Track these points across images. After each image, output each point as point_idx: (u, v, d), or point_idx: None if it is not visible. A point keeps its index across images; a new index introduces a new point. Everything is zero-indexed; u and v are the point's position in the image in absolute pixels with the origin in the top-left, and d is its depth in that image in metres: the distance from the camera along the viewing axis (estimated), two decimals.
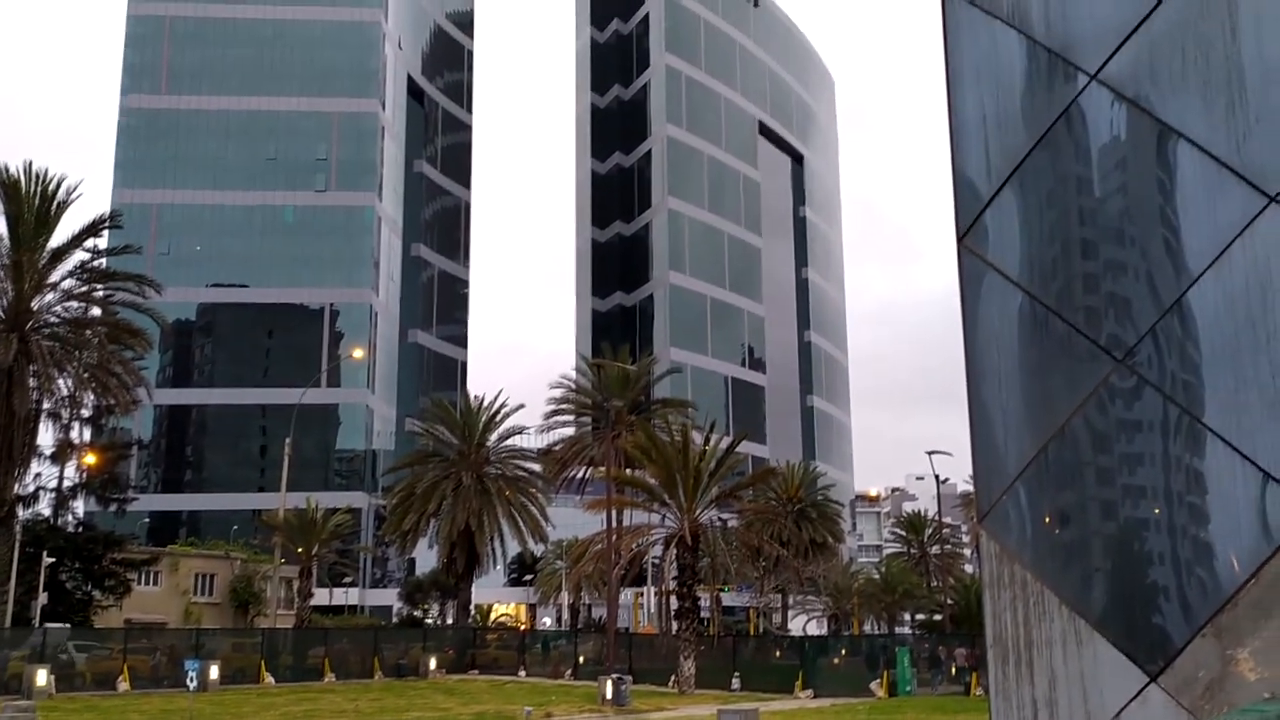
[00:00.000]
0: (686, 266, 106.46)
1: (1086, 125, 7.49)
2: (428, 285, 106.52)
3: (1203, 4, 7.02)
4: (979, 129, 8.11)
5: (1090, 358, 7.01)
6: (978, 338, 7.89)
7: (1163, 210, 7.03)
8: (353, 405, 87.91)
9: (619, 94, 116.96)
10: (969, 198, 8.07)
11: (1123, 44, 7.16)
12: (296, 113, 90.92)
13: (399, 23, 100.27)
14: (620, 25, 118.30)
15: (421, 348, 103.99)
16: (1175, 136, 6.95)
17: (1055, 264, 7.49)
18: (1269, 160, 6.52)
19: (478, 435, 48.16)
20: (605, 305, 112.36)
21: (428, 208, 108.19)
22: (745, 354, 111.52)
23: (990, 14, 8.07)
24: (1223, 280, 6.44)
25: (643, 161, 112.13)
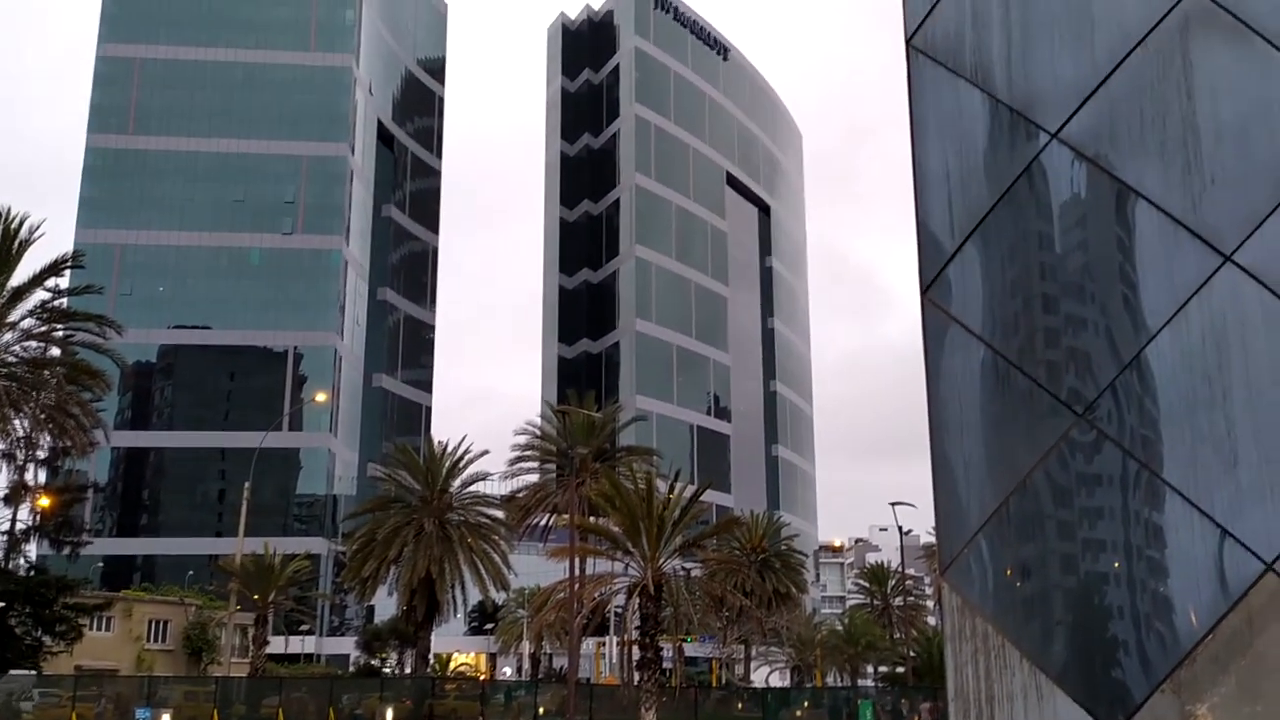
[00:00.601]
0: (653, 315, 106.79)
1: (1048, 182, 7.62)
2: (393, 329, 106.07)
3: (1160, 67, 7.19)
4: (943, 184, 8.23)
5: (1051, 412, 7.08)
6: (941, 390, 7.95)
7: (1122, 267, 7.14)
8: (314, 449, 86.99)
9: (589, 142, 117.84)
10: (933, 251, 8.17)
11: (1082, 105, 7.31)
12: (265, 155, 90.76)
13: (370, 68, 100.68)
14: (591, 75, 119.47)
15: (386, 392, 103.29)
16: (1134, 195, 7.09)
17: (1017, 318, 7.58)
18: (1224, 220, 6.65)
19: (441, 481, 47.73)
20: (572, 352, 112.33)
21: (395, 252, 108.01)
22: (711, 403, 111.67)
23: (954, 72, 8.22)
24: (1180, 337, 6.54)
25: (611, 210, 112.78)
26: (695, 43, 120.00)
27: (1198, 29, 7.21)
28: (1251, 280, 6.47)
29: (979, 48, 8.03)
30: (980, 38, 8.04)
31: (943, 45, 8.28)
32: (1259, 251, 6.57)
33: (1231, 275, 6.45)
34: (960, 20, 8.23)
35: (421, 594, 45.26)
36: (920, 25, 8.49)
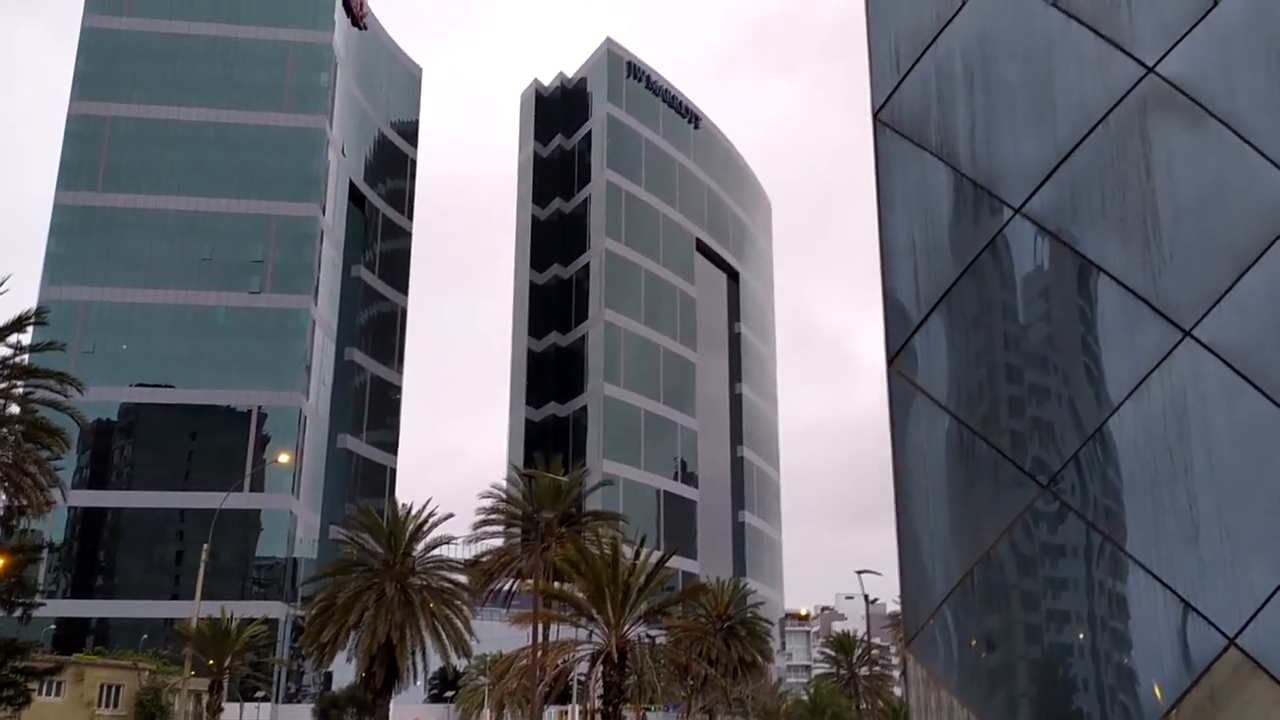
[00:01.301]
0: (621, 379, 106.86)
1: (1011, 256, 7.73)
2: (360, 390, 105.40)
3: (1119, 145, 7.35)
4: (909, 256, 8.33)
5: (1015, 483, 7.11)
6: (906, 459, 7.98)
7: (1084, 339, 7.23)
8: (275, 511, 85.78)
9: (560, 207, 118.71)
10: (899, 322, 8.24)
11: (1045, 181, 7.46)
12: (235, 214, 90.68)
13: (343, 130, 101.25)
14: (564, 140, 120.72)
15: (350, 453, 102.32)
16: (1095, 270, 7.20)
17: (981, 388, 7.64)
18: (1183, 295, 6.77)
19: (404, 544, 47.13)
20: (539, 415, 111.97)
21: (363, 312, 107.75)
22: (678, 468, 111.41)
23: (920, 147, 8.37)
24: (1142, 410, 6.61)
25: (581, 274, 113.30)
26: (667, 111, 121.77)
27: (1155, 110, 7.40)
28: (1211, 355, 6.58)
29: (944, 124, 8.19)
30: (945, 114, 8.21)
31: (909, 120, 8.45)
32: (1218, 327, 6.70)
33: (1192, 350, 6.55)
34: (925, 97, 8.41)
35: (381, 660, 44.44)
36: (887, 100, 8.66)
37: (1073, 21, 7.80)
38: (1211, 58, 7.44)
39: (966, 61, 8.29)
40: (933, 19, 8.51)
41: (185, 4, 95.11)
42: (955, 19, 8.37)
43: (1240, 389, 6.44)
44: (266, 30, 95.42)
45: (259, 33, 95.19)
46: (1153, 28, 7.65)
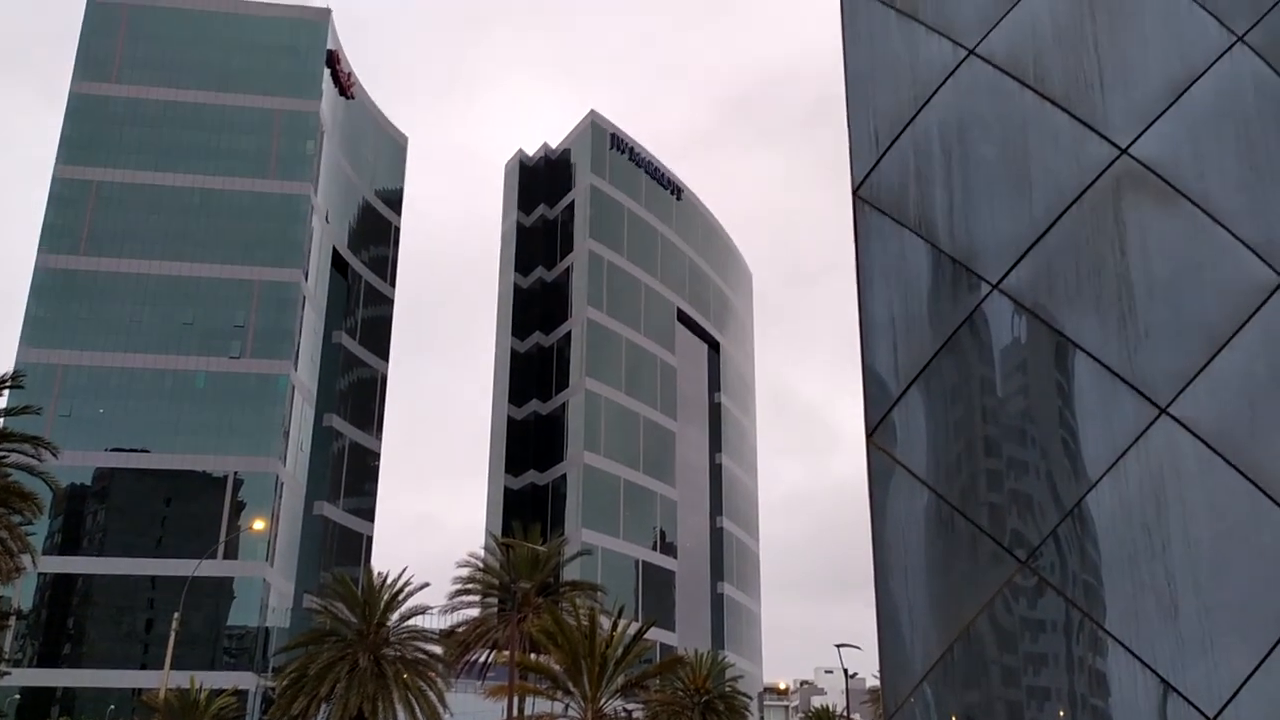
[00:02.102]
0: (601, 447, 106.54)
1: (989, 330, 7.81)
2: (338, 456, 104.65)
3: (1094, 224, 7.48)
4: (888, 329, 8.40)
5: (994, 558, 7.11)
6: (886, 533, 7.96)
7: (1061, 413, 7.28)
8: (249, 579, 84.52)
9: (542, 275, 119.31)
10: (878, 395, 8.28)
11: (1021, 258, 7.56)
12: (218, 279, 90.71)
13: (328, 197, 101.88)
14: (546, 210, 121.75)
15: (327, 520, 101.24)
16: (1072, 345, 7.28)
17: (960, 461, 7.66)
18: (1158, 372, 6.84)
19: (378, 614, 46.47)
20: (518, 483, 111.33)
21: (344, 378, 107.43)
22: (657, 538, 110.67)
23: (899, 223, 8.48)
24: (1119, 487, 6.64)
25: (562, 342, 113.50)
26: (649, 182, 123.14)
27: (1129, 190, 7.55)
28: (1187, 433, 6.63)
29: (922, 201, 8.33)
30: (923, 191, 8.35)
31: (887, 197, 8.58)
32: (1194, 405, 6.77)
33: (1168, 427, 6.61)
34: (904, 174, 8.55)
35: None
36: (866, 177, 8.81)
37: (1047, 103, 7.98)
38: (1182, 141, 7.62)
39: (944, 140, 8.45)
40: (911, 99, 8.69)
41: (174, 72, 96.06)
42: (933, 99, 8.55)
43: (1216, 466, 6.49)
44: (254, 99, 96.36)
45: (247, 101, 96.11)
46: (1125, 111, 7.83)
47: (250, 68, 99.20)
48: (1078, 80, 7.98)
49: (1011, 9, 8.23)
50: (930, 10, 8.71)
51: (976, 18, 8.42)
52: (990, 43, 8.34)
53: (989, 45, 8.34)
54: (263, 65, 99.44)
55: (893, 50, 8.91)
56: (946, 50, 8.53)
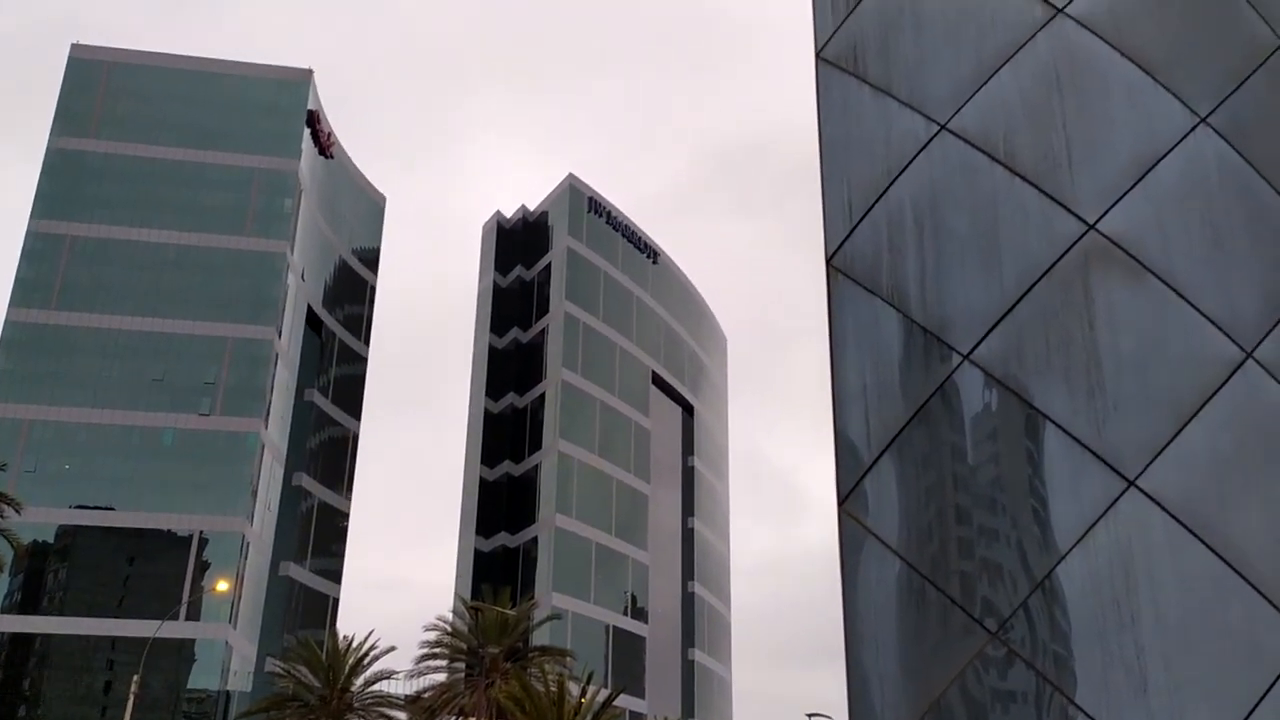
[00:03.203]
0: (573, 510, 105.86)
1: (960, 400, 7.87)
2: (306, 516, 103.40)
3: (1063, 298, 7.59)
4: (860, 397, 8.45)
5: (964, 629, 7.09)
6: (857, 602, 7.94)
7: (1032, 484, 7.32)
8: (211, 641, 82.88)
9: (517, 336, 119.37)
10: (850, 463, 8.30)
11: (991, 329, 7.65)
12: (190, 335, 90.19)
13: (304, 254, 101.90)
14: (523, 271, 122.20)
15: (293, 581, 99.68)
16: (1041, 417, 7.34)
17: (931, 530, 7.67)
18: (1127, 445, 6.90)
19: (342, 679, 45.68)
20: (489, 545, 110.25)
21: (315, 437, 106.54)
22: (628, 602, 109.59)
23: (871, 292, 8.58)
24: (1089, 559, 6.67)
25: (536, 403, 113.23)
26: (626, 245, 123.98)
27: (1097, 265, 7.68)
28: (1155, 506, 6.68)
29: (895, 271, 8.44)
30: (896, 262, 8.46)
31: (861, 267, 8.69)
32: (1161, 478, 6.82)
33: (1136, 500, 6.66)
34: (877, 244, 8.67)
35: None
36: (840, 247, 8.92)
37: (1017, 178, 8.14)
38: (1148, 218, 7.78)
39: (917, 212, 8.59)
40: (884, 171, 8.84)
41: (154, 129, 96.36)
42: (905, 171, 8.70)
43: (1184, 540, 6.53)
44: (233, 156, 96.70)
45: (226, 159, 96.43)
46: (1093, 187, 8.00)
47: (230, 126, 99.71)
48: (1047, 157, 8.15)
49: (982, 86, 8.42)
50: (904, 85, 8.91)
51: (949, 94, 8.61)
52: (962, 118, 8.52)
53: (961, 120, 8.52)
54: (243, 124, 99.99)
55: (867, 123, 9.09)
56: (919, 124, 8.70)
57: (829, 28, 9.71)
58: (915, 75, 8.83)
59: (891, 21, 9.13)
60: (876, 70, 9.11)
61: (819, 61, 9.68)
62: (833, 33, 9.66)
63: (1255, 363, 7.26)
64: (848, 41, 9.44)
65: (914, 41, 8.93)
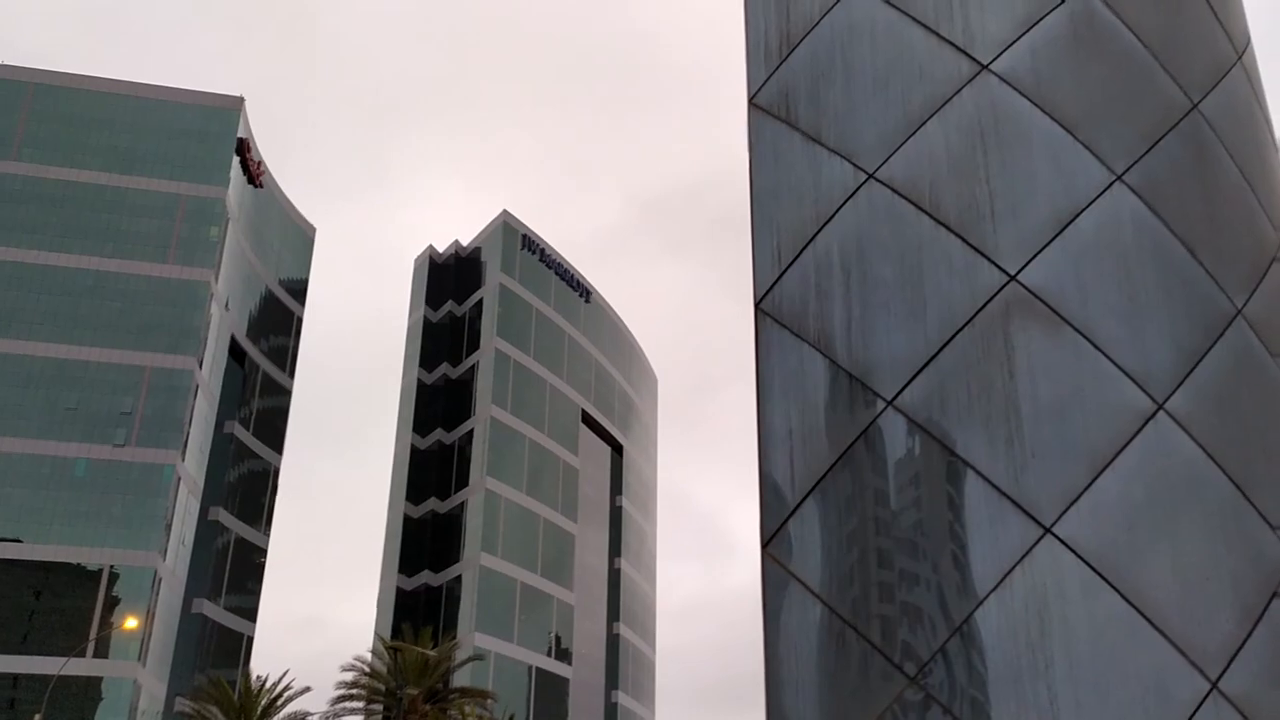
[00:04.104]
0: (499, 549, 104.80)
1: (884, 445, 7.96)
2: (222, 551, 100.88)
3: (984, 346, 7.73)
4: (785, 441, 8.50)
5: (883, 674, 7.12)
6: (779, 646, 7.94)
7: (952, 529, 7.41)
8: (118, 680, 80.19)
9: (447, 372, 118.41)
10: (774, 506, 8.33)
11: (914, 376, 7.76)
12: (107, 364, 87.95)
13: (229, 284, 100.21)
14: (455, 307, 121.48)
15: (206, 619, 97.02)
16: (962, 463, 7.45)
17: (852, 573, 7.72)
18: (1043, 493, 7.03)
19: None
20: (412, 584, 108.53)
21: (233, 470, 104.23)
22: (552, 643, 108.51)
23: (798, 337, 8.66)
24: (1005, 605, 6.75)
25: (464, 440, 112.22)
26: (559, 283, 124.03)
27: (1017, 316, 7.85)
28: (1070, 553, 6.80)
29: (822, 317, 8.53)
30: (823, 308, 8.56)
31: (788, 311, 8.77)
32: (1076, 525, 6.95)
33: (1052, 547, 6.77)
34: (805, 290, 8.77)
35: None
36: (768, 291, 9.01)
37: (941, 228, 8.30)
38: (1067, 271, 7.98)
39: (844, 259, 8.71)
40: (813, 217, 8.97)
41: (78, 152, 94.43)
42: (834, 219, 8.84)
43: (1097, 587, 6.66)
44: (159, 182, 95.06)
45: (151, 184, 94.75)
46: (1014, 239, 8.19)
47: (157, 151, 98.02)
48: (971, 208, 8.34)
49: (910, 137, 8.60)
50: (833, 133, 9.07)
51: (877, 143, 8.79)
52: (890, 168, 8.69)
53: (888, 170, 8.68)
54: (170, 150, 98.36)
55: (797, 170, 9.23)
56: (848, 173, 8.86)
57: (761, 75, 9.87)
58: (845, 124, 9.01)
59: (823, 71, 9.31)
60: (807, 118, 9.27)
61: (751, 108, 9.82)
62: (765, 80, 9.82)
63: (1166, 414, 7.47)
64: (780, 89, 9.60)
65: (844, 91, 9.11)
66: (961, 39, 8.85)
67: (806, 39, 9.56)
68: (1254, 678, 6.77)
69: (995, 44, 8.78)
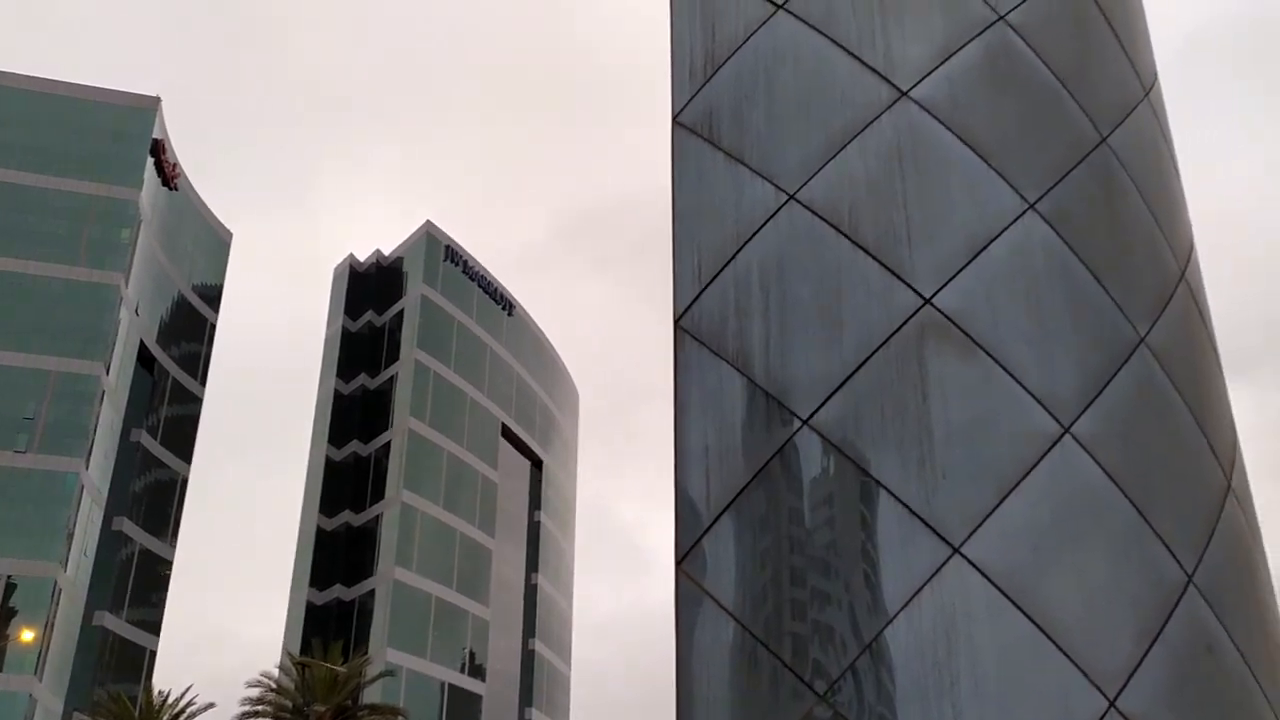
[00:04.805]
0: (414, 563, 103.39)
1: (799, 464, 8.01)
2: (126, 563, 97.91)
3: (898, 369, 7.84)
4: (702, 458, 8.52)
5: (794, 692, 7.16)
6: (691, 663, 7.93)
7: (865, 549, 7.48)
8: (13, 694, 77.24)
9: (365, 383, 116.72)
10: (689, 523, 8.34)
11: (830, 396, 7.84)
12: (9, 367, 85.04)
13: (140, 288, 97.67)
14: (374, 317, 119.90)
15: (107, 631, 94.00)
16: (875, 483, 7.53)
17: (765, 591, 7.75)
18: (953, 514, 7.13)
19: None
20: (323, 598, 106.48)
21: (140, 479, 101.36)
22: (466, 659, 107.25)
23: (717, 355, 8.70)
24: (914, 623, 6.83)
25: (381, 452, 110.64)
26: (481, 296, 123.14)
27: (931, 339, 7.98)
28: (977, 573, 6.92)
29: (740, 335, 8.58)
30: (742, 326, 8.62)
31: (708, 329, 8.81)
32: (984, 546, 7.08)
33: (960, 567, 6.88)
34: (724, 308, 8.82)
35: None
36: (688, 309, 9.04)
37: (860, 251, 8.42)
38: (979, 296, 8.15)
39: (764, 279, 8.78)
40: (733, 236, 9.03)
41: None
42: (754, 238, 8.91)
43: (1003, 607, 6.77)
44: (71, 182, 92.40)
45: (61, 184, 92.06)
46: (930, 264, 8.33)
47: (69, 150, 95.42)
48: (888, 232, 8.46)
49: (829, 161, 8.71)
50: (755, 155, 9.14)
51: (797, 165, 8.88)
52: (810, 189, 8.78)
53: (809, 192, 8.78)
54: (83, 149, 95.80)
55: (719, 189, 9.29)
56: (769, 194, 8.94)
57: (686, 93, 9.93)
58: (767, 145, 9.09)
59: (746, 91, 9.39)
60: (730, 138, 9.34)
61: (675, 125, 9.87)
62: (690, 98, 9.88)
63: (1072, 438, 7.64)
64: (704, 108, 9.67)
65: (767, 112, 9.20)
66: (883, 65, 9.00)
67: (731, 59, 9.64)
68: (1150, 696, 6.95)
69: (915, 71, 8.95)
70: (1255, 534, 8.86)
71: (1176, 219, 9.95)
